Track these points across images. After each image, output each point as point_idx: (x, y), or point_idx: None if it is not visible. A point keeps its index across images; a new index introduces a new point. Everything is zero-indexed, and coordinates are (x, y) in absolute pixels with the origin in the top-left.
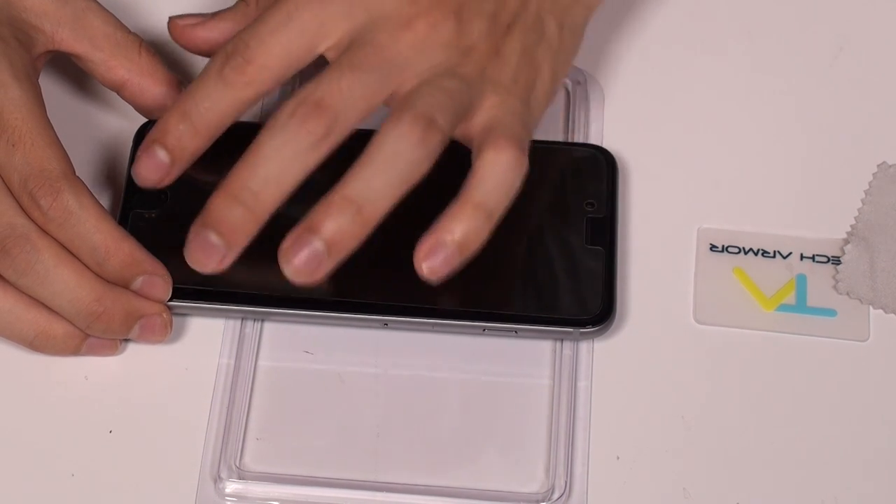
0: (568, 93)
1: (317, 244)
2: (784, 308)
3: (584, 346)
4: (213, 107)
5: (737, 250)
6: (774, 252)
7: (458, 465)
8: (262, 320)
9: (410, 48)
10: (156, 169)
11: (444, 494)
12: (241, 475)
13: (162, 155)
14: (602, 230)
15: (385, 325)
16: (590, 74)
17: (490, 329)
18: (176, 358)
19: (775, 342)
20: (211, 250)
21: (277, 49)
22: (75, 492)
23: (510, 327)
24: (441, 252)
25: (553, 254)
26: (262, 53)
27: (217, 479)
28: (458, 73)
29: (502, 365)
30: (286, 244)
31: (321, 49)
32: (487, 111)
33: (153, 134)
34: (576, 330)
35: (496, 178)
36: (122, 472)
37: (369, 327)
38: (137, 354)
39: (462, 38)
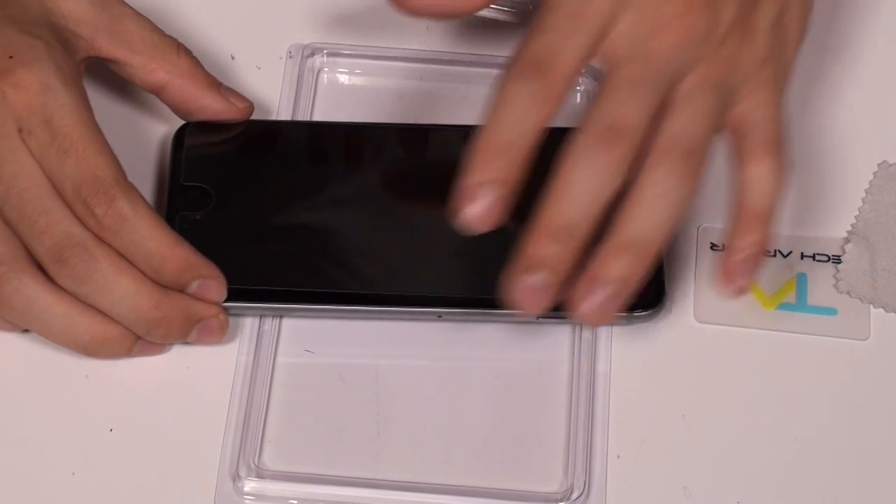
0: (587, 92)
1: (606, 289)
2: (784, 307)
3: (603, 329)
4: (532, 128)
5: None
6: (775, 251)
7: (476, 463)
8: (317, 318)
9: (673, 51)
10: (489, 207)
11: (462, 494)
12: (260, 474)
13: (489, 193)
14: None
15: (439, 317)
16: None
17: (544, 317)
18: (190, 356)
19: (776, 341)
20: (539, 292)
21: (575, 55)
22: (86, 489)
23: (562, 314)
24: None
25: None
26: (562, 63)
27: (236, 478)
28: (714, 77)
29: (520, 352)
30: (578, 293)
31: (603, 47)
32: (743, 104)
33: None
34: (629, 314)
35: (767, 187)
36: (138, 471)
37: (423, 320)
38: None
39: (716, 29)
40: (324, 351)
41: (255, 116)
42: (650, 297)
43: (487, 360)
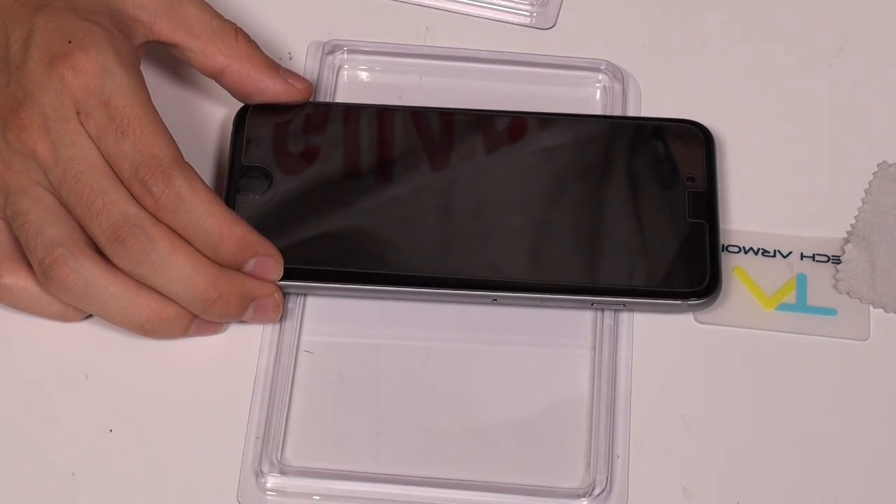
0: (605, 89)
1: None
2: (784, 307)
3: (624, 316)
4: None
5: (737, 249)
6: (775, 251)
7: (498, 458)
8: (373, 299)
9: None
10: None
11: (483, 489)
12: (283, 469)
13: None
14: (703, 204)
15: (494, 300)
16: (626, 71)
17: (599, 303)
18: (191, 356)
19: (775, 341)
20: None
21: None
22: (95, 491)
23: (618, 301)
24: None
25: (657, 229)
26: None
27: (258, 474)
28: None
29: (538, 339)
30: None
31: None
32: None
33: None
34: (684, 302)
35: None
36: (158, 468)
37: (477, 303)
38: (147, 349)
39: None
40: (351, 334)
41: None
42: (707, 285)
43: (507, 346)
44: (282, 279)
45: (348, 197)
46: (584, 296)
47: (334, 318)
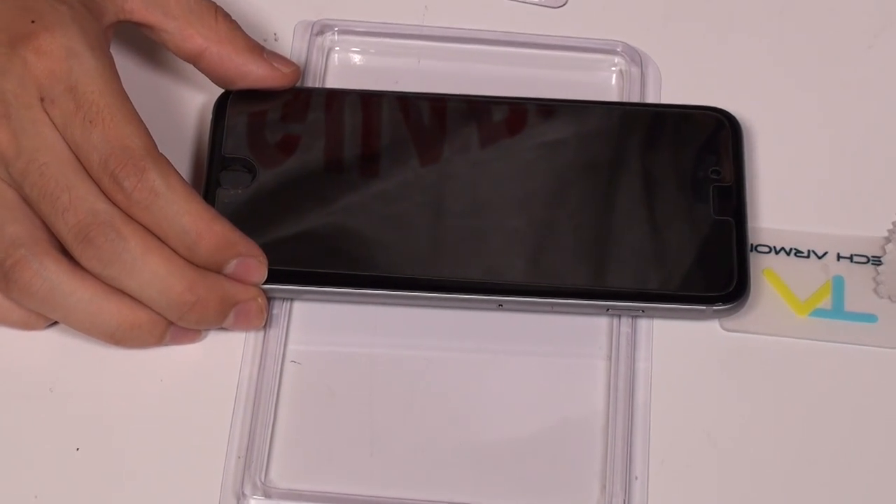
0: (622, 73)
1: None
2: (819, 313)
3: (643, 323)
4: None
5: (767, 249)
6: (809, 251)
7: (504, 479)
8: (366, 304)
9: None
10: None
11: None
12: (267, 492)
13: None
14: (729, 199)
15: (500, 306)
16: (644, 53)
17: (615, 309)
18: (189, 360)
19: (809, 351)
20: None
21: None
22: None
23: (636, 306)
24: None
25: (679, 227)
26: None
27: (240, 497)
28: None
29: (551, 344)
30: None
31: None
32: None
33: None
34: (708, 308)
35: None
36: (129, 491)
37: (481, 309)
38: (118, 360)
39: None
40: (343, 343)
41: None
42: (733, 289)
43: (514, 356)
44: (266, 282)
45: (339, 192)
46: (599, 301)
47: (324, 326)
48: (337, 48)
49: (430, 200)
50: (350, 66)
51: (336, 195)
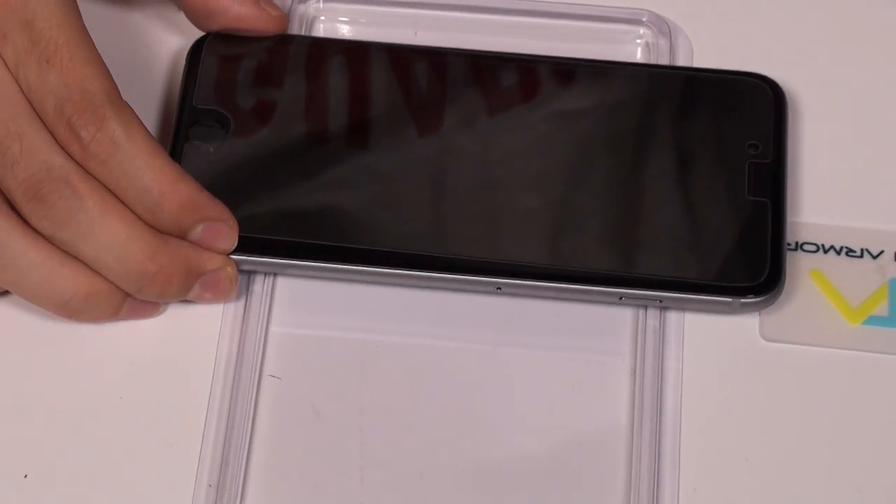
0: (648, 45)
1: None
2: (873, 321)
3: (672, 317)
4: None
5: (814, 248)
6: (862, 251)
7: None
8: (347, 281)
9: None
10: None
11: None
12: None
13: None
14: (768, 178)
15: (498, 289)
16: (674, 23)
17: (629, 297)
18: (151, 368)
19: (862, 363)
20: None
21: None
22: None
23: (654, 295)
24: None
25: (707, 207)
26: None
27: None
28: None
29: (567, 339)
30: None
31: None
32: None
33: None
34: (735, 300)
35: None
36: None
37: (477, 292)
38: (70, 370)
39: None
40: (327, 326)
41: None
42: (765, 279)
43: (521, 353)
44: (237, 251)
45: (325, 156)
46: (610, 287)
47: (310, 308)
48: (322, 17)
49: (430, 170)
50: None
51: (321, 159)
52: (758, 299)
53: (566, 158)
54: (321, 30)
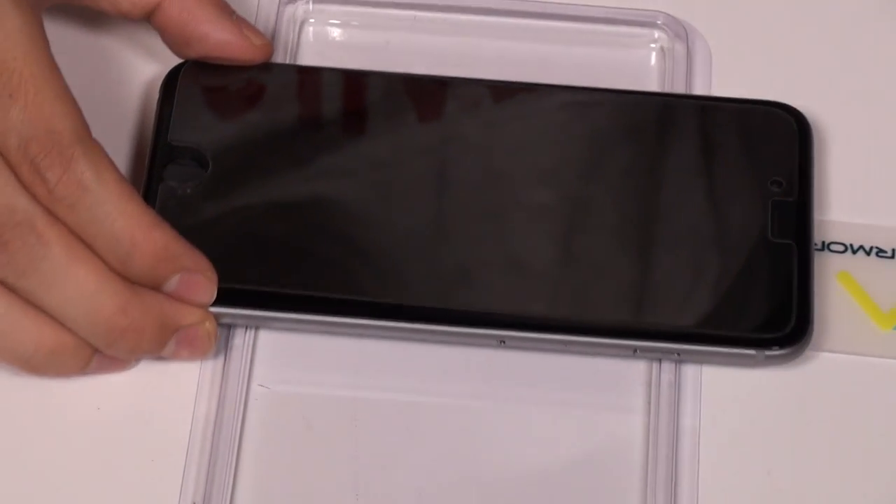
0: (663, 50)
1: None
2: None
3: (689, 370)
4: None
5: (842, 248)
6: (893, 251)
7: None
8: (336, 334)
9: None
10: None
11: None
12: None
13: None
14: (792, 218)
15: (501, 342)
16: (690, 26)
17: (643, 350)
18: (132, 389)
19: (895, 372)
20: None
21: None
22: None
23: (671, 348)
24: None
25: (727, 250)
26: None
27: None
28: None
29: (577, 393)
30: None
31: None
32: None
33: None
34: (759, 352)
35: None
36: None
37: (479, 345)
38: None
39: None
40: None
41: None
42: (791, 330)
43: (526, 405)
44: (216, 303)
45: (310, 197)
46: (624, 339)
47: (296, 361)
48: (312, 20)
49: (424, 213)
50: (327, 42)
51: (308, 201)
52: (783, 351)
53: (574, 200)
54: (310, 34)
